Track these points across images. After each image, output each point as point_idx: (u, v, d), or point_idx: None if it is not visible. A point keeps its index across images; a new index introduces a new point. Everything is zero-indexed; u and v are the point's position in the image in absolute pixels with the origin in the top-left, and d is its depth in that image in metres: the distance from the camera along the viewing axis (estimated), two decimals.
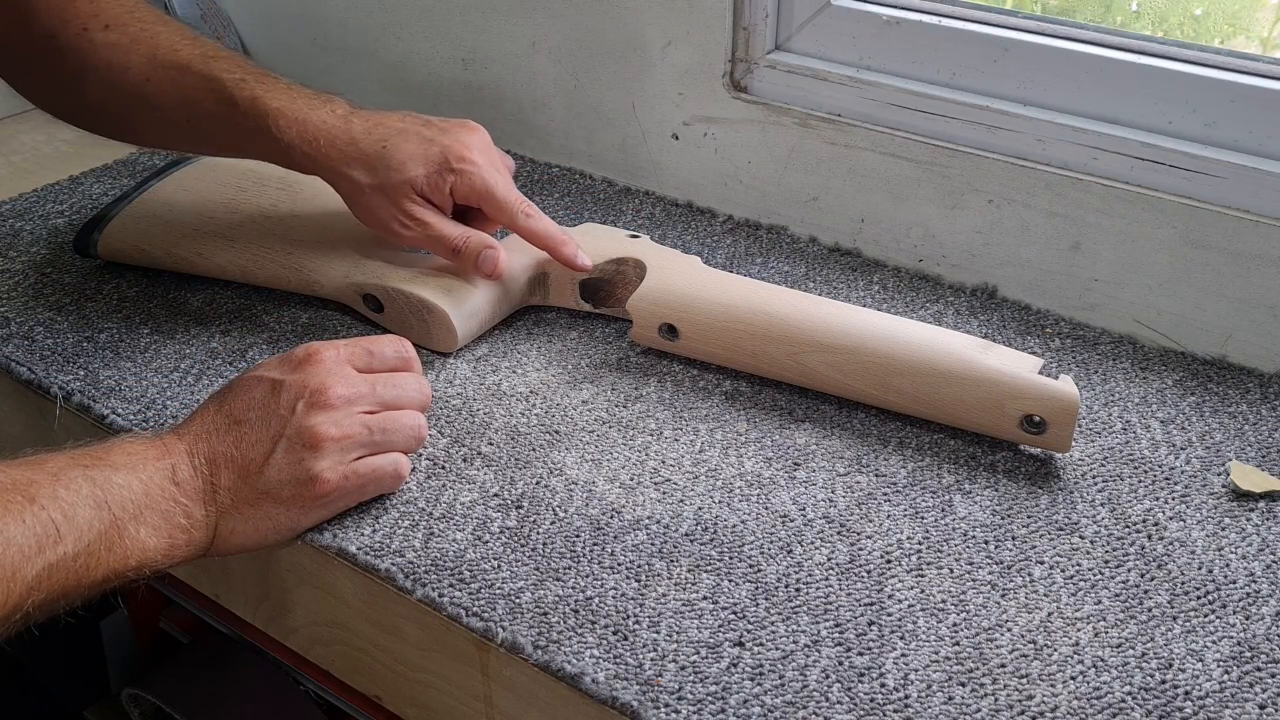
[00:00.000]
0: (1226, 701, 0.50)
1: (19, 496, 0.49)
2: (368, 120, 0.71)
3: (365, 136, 0.70)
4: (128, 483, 0.53)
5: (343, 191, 0.71)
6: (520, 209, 0.71)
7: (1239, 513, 0.61)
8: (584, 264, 0.73)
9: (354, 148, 0.69)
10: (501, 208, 0.71)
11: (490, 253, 0.71)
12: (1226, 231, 0.71)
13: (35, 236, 0.86)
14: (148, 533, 0.52)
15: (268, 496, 0.55)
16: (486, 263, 0.71)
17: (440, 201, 0.71)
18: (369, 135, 0.70)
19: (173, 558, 0.54)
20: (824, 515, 0.60)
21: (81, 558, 0.50)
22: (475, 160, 0.70)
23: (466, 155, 0.70)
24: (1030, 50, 0.76)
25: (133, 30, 0.72)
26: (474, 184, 0.70)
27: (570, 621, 0.53)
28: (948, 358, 0.64)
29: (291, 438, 0.56)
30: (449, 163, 0.70)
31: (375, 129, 0.70)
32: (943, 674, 0.51)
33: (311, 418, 0.56)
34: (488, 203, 0.71)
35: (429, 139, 0.70)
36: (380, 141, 0.70)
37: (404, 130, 0.70)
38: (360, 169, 0.69)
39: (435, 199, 0.71)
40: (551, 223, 0.73)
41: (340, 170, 0.70)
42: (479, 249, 0.71)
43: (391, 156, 0.69)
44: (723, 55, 0.85)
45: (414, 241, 0.71)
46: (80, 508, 0.50)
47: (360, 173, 0.69)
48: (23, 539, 0.48)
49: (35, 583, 0.48)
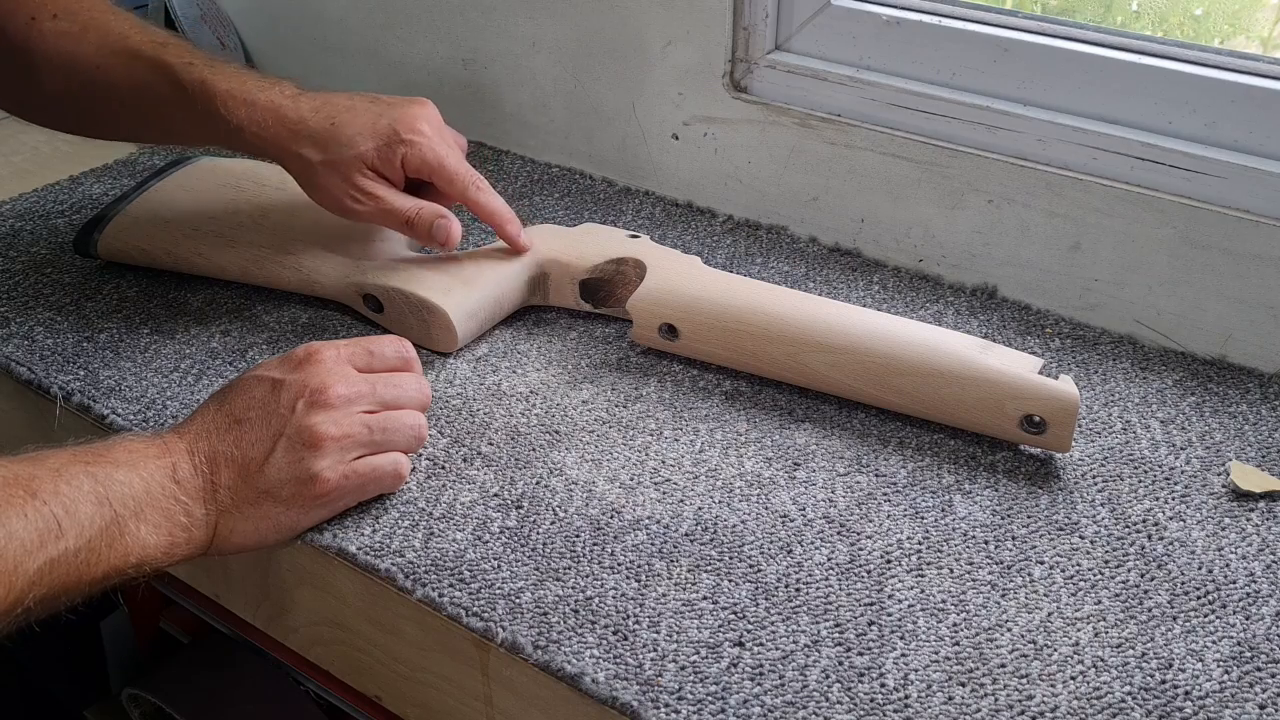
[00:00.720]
0: (1226, 701, 0.50)
1: (21, 491, 0.49)
2: (315, 99, 0.71)
3: (314, 115, 0.70)
4: (129, 480, 0.53)
5: (294, 171, 0.71)
6: (471, 181, 0.72)
7: (1239, 513, 0.61)
8: (525, 246, 0.74)
9: (302, 126, 0.69)
10: (453, 180, 0.71)
11: (443, 222, 0.71)
12: (1226, 231, 0.71)
13: (35, 236, 0.86)
14: (148, 530, 0.52)
15: (268, 496, 0.55)
16: (440, 232, 0.71)
17: (392, 175, 0.71)
18: (317, 114, 0.70)
19: (173, 556, 0.54)
20: (824, 515, 0.60)
21: (83, 553, 0.50)
22: (425, 131, 0.71)
23: (416, 126, 0.70)
24: (1030, 50, 0.76)
25: (82, 18, 0.72)
26: (424, 155, 0.70)
27: (570, 621, 0.53)
28: (948, 358, 0.64)
29: (292, 437, 0.56)
30: (398, 134, 0.70)
31: (323, 107, 0.70)
32: (943, 674, 0.51)
33: (311, 417, 0.56)
34: (439, 175, 0.71)
35: (378, 114, 0.70)
36: (329, 119, 0.70)
37: (352, 107, 0.71)
38: (310, 146, 0.69)
39: (386, 172, 0.71)
40: (500, 200, 0.74)
41: (290, 149, 0.70)
42: (431, 219, 0.71)
43: (341, 132, 0.69)
44: (723, 55, 0.85)
45: (367, 216, 0.71)
46: (82, 504, 0.50)
47: (310, 150, 0.69)
48: (25, 533, 0.48)
49: (37, 577, 0.48)
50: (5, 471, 0.50)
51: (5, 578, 0.47)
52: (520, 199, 0.93)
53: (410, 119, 0.71)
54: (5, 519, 0.48)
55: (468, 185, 0.72)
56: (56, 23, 0.71)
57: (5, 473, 0.50)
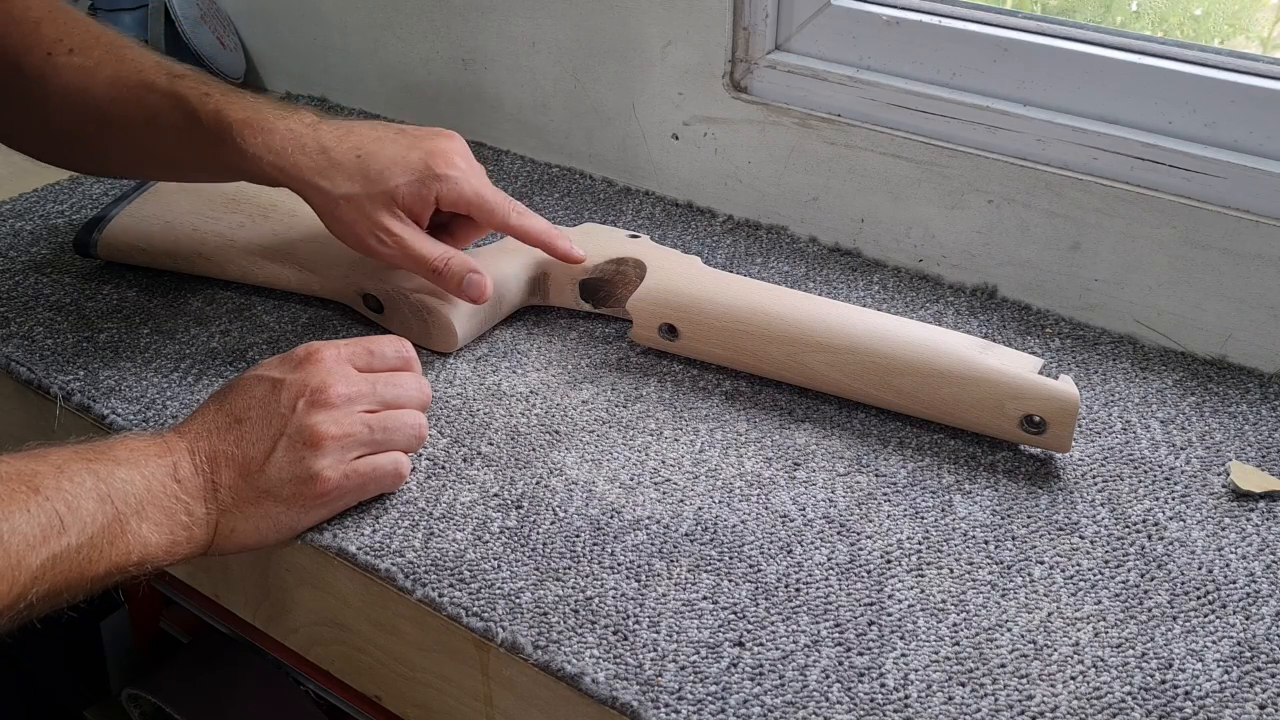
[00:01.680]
0: (1226, 701, 0.50)
1: (23, 487, 0.49)
2: (338, 128, 0.68)
3: (337, 145, 0.67)
4: (130, 478, 0.53)
5: (315, 203, 0.67)
6: (511, 209, 0.70)
7: (1239, 513, 0.61)
8: (579, 256, 0.73)
9: (325, 156, 0.66)
10: (494, 211, 0.69)
11: (476, 278, 0.68)
12: (1226, 231, 0.71)
13: (35, 236, 0.86)
14: (150, 528, 0.52)
15: (268, 495, 0.55)
16: (472, 288, 0.68)
17: (421, 212, 0.68)
18: (340, 143, 0.67)
19: (174, 554, 0.54)
20: (824, 515, 0.60)
21: (85, 550, 0.50)
22: (459, 165, 0.68)
23: (451, 160, 0.68)
24: (1030, 50, 0.76)
25: (97, 53, 0.69)
26: (462, 190, 0.68)
27: (570, 621, 0.53)
28: (948, 358, 0.64)
29: (292, 436, 0.56)
30: (432, 170, 0.67)
31: (347, 137, 0.67)
32: (943, 674, 0.51)
33: (312, 416, 0.56)
34: (479, 209, 0.69)
35: (407, 146, 0.67)
36: (354, 150, 0.66)
37: (379, 138, 0.68)
38: (332, 178, 0.66)
39: (417, 209, 0.67)
40: (541, 219, 0.72)
41: (310, 180, 0.66)
42: (462, 272, 0.67)
43: (368, 165, 0.66)
44: (723, 55, 0.85)
45: (389, 258, 0.68)
46: (84, 500, 0.50)
47: (332, 182, 0.66)
48: (28, 528, 0.48)
49: (39, 573, 0.48)
50: (8, 468, 0.50)
51: (9, 573, 0.47)
52: (520, 199, 0.92)
53: (443, 153, 0.68)
54: (9, 514, 0.48)
55: (509, 213, 0.69)
56: (72, 57, 0.69)
57: (8, 469, 0.50)
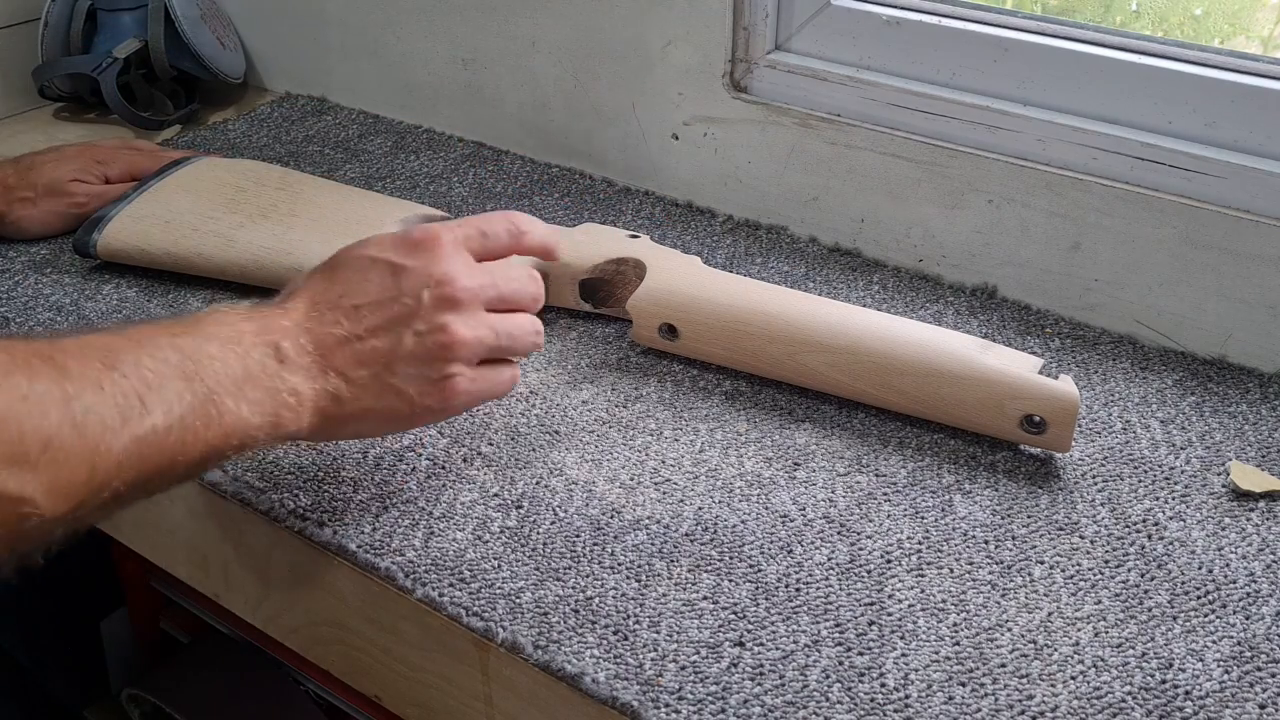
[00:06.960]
0: (1226, 701, 0.50)
1: (96, 363, 0.44)
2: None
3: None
4: (223, 355, 0.48)
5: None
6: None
7: (1239, 513, 0.61)
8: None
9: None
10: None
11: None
12: (1226, 231, 0.71)
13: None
14: (249, 409, 0.49)
15: (391, 390, 0.53)
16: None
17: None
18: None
19: (277, 436, 0.50)
20: (824, 515, 0.60)
21: (174, 432, 0.46)
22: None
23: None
24: (1030, 50, 0.76)
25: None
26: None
27: (570, 621, 0.53)
28: (947, 357, 0.64)
29: (423, 334, 0.53)
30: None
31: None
32: (943, 674, 0.51)
33: (443, 314, 0.54)
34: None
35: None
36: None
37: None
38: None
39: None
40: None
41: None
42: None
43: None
44: (723, 55, 0.85)
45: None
46: (169, 379, 0.46)
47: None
48: (103, 408, 0.43)
49: (123, 457, 0.44)
50: (80, 342, 0.45)
51: (86, 456, 0.42)
52: (520, 199, 0.93)
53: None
54: (79, 391, 0.43)
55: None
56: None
57: (80, 343, 0.45)
